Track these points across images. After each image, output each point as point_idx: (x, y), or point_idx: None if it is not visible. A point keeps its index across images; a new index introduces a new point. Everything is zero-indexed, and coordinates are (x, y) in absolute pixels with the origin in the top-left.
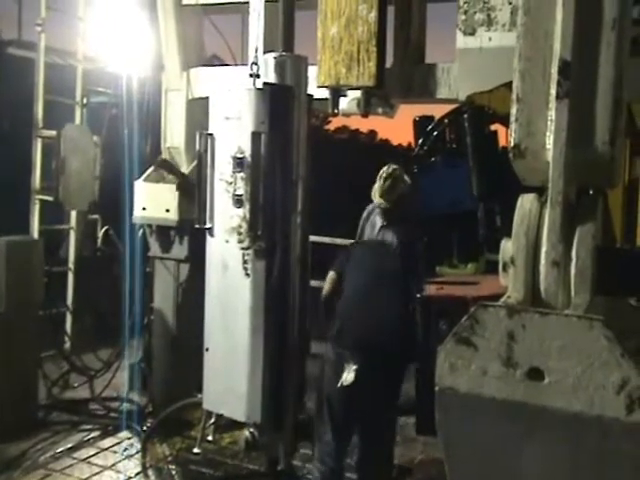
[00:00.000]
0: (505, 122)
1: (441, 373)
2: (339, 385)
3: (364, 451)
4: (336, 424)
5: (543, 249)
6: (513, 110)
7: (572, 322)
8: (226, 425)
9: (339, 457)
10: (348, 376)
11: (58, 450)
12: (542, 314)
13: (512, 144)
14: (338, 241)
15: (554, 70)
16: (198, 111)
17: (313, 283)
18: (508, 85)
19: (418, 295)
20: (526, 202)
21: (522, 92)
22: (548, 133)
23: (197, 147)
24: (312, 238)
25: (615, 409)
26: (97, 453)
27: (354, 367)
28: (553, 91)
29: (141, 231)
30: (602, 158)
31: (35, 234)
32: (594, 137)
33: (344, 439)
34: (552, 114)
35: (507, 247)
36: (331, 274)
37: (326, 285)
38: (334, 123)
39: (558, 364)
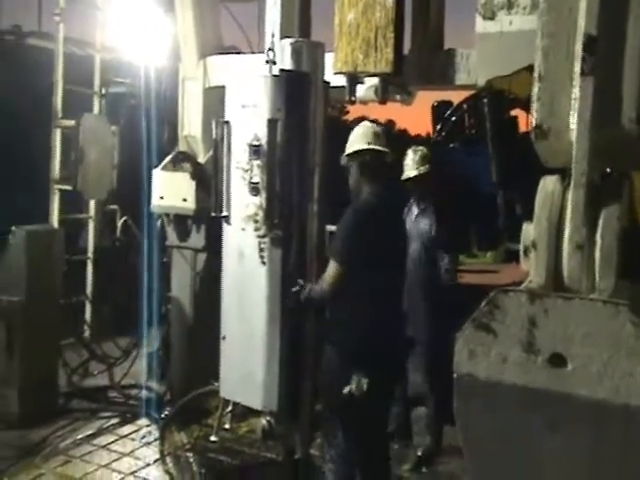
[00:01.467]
0: (526, 107)
1: (460, 360)
2: (346, 392)
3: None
4: (345, 429)
5: (566, 232)
6: (535, 89)
7: (597, 307)
8: (242, 413)
9: (350, 458)
10: (357, 387)
11: (78, 437)
12: (565, 299)
13: (534, 124)
14: None
15: (578, 46)
16: (215, 99)
17: None
18: (529, 69)
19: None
20: (548, 184)
21: (545, 70)
22: (572, 112)
23: (214, 135)
24: (328, 227)
25: None
26: (116, 440)
27: (365, 380)
28: (577, 68)
29: (159, 220)
30: (629, 137)
31: (55, 223)
32: (620, 115)
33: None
34: (576, 92)
35: (528, 231)
36: (339, 269)
37: (332, 280)
38: (352, 113)
39: (582, 350)
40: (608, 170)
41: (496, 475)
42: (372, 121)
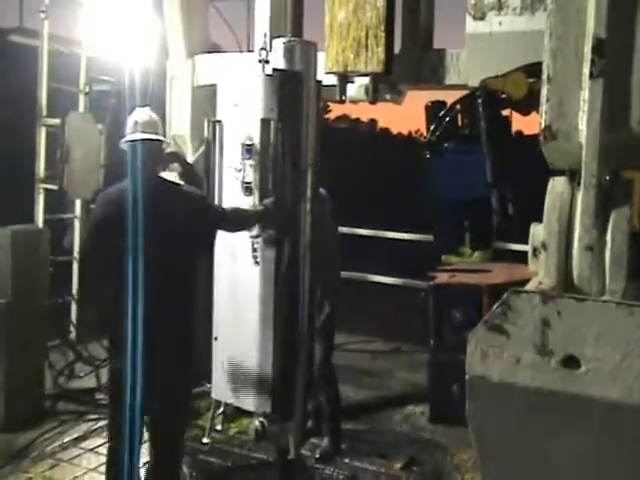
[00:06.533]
0: (517, 107)
1: (472, 361)
2: None
3: None
4: None
5: (576, 233)
6: (544, 91)
7: (610, 308)
8: (233, 414)
9: None
10: None
11: (65, 440)
12: (578, 300)
13: (543, 126)
14: (344, 230)
15: (587, 48)
16: (203, 99)
17: None
18: (522, 69)
19: None
20: (558, 186)
21: (553, 72)
22: (581, 114)
23: (205, 134)
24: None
25: None
26: (104, 443)
27: None
28: (586, 70)
29: None
30: (638, 139)
31: (40, 223)
32: (629, 117)
33: None
34: (585, 94)
35: (538, 232)
36: None
37: None
38: (334, 112)
39: (595, 352)
40: (617, 171)
41: (509, 477)
42: (355, 120)
